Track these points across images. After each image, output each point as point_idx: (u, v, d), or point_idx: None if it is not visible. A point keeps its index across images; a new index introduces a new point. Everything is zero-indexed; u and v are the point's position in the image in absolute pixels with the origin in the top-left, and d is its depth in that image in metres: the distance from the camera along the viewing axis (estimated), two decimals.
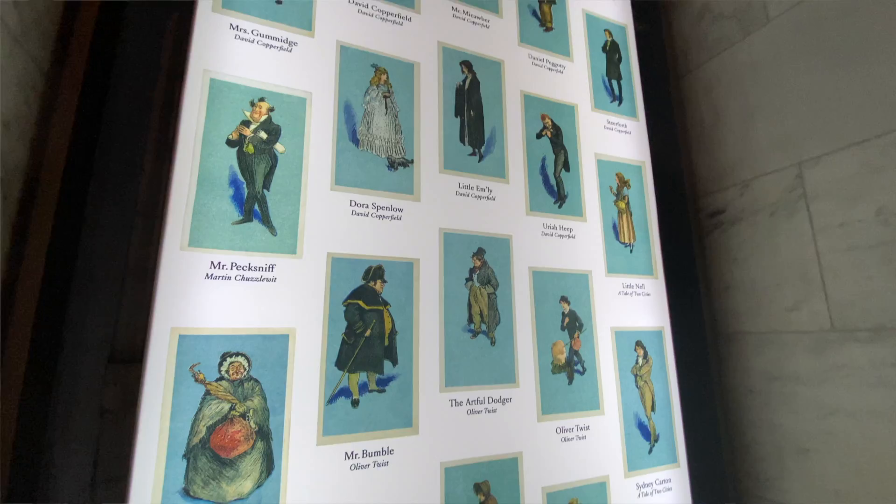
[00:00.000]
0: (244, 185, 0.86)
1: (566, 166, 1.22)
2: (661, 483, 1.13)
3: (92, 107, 0.91)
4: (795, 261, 1.15)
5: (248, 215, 0.85)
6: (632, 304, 1.21)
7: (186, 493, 0.72)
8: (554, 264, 1.14)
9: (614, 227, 1.25)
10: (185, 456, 0.73)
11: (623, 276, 1.22)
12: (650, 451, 1.14)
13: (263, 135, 0.90)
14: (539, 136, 1.21)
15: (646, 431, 1.15)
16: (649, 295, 1.25)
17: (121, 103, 0.98)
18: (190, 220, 0.81)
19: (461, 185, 1.07)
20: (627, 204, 1.29)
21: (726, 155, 1.34)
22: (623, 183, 1.30)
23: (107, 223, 0.95)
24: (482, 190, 1.09)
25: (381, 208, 0.97)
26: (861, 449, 0.98)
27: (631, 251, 1.26)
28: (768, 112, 1.23)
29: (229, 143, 0.87)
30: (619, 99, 1.38)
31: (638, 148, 1.36)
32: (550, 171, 1.20)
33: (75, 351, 0.84)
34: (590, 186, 1.24)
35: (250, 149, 0.88)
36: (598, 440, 1.08)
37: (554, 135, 1.23)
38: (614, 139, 1.33)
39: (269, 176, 0.88)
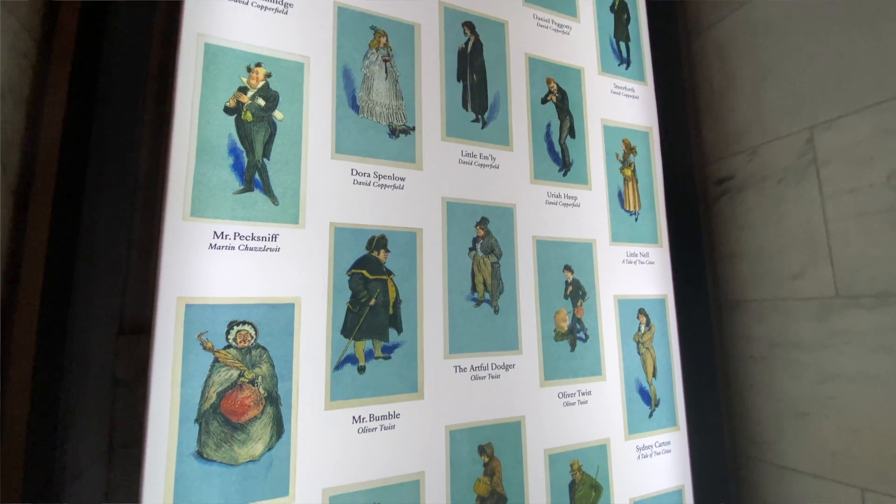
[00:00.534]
0: (244, 154, 0.85)
1: (571, 133, 1.20)
2: (660, 445, 1.16)
3: (85, 77, 0.89)
4: (802, 228, 1.13)
5: (248, 185, 0.84)
6: (635, 273, 1.21)
7: (200, 455, 0.74)
8: (558, 233, 1.13)
9: (619, 195, 1.23)
10: (196, 420, 0.75)
11: (627, 244, 1.22)
12: (650, 416, 1.16)
13: (261, 101, 0.88)
14: (544, 101, 1.18)
15: (646, 396, 1.17)
16: (653, 263, 1.24)
17: (115, 72, 0.95)
18: (191, 190, 0.80)
19: (464, 153, 1.05)
20: (633, 171, 1.27)
21: (736, 120, 1.31)
22: (629, 150, 1.27)
23: (108, 197, 0.95)
24: (485, 158, 1.07)
25: (383, 177, 0.95)
26: (860, 412, 1.00)
27: (636, 219, 1.24)
28: (781, 75, 1.19)
29: (227, 110, 0.85)
30: (627, 62, 1.34)
31: (645, 113, 1.33)
32: (555, 137, 1.17)
33: (85, 325, 0.86)
34: (595, 153, 1.22)
35: (248, 116, 0.86)
36: (600, 405, 1.10)
37: (559, 100, 1.20)
38: (621, 104, 1.29)
39: (268, 144, 0.87)
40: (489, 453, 0.96)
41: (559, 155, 1.17)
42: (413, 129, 1.00)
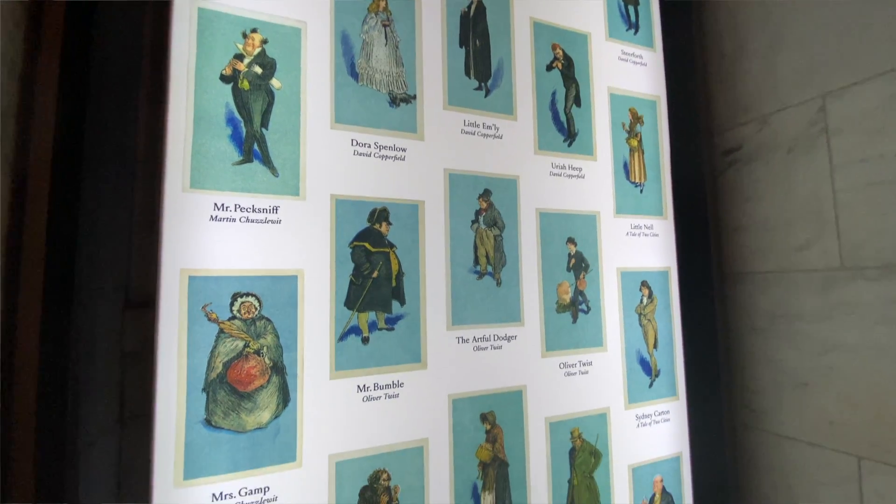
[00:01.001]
0: (242, 124, 0.83)
1: (577, 101, 1.17)
2: (659, 414, 1.18)
3: (79, 49, 0.86)
4: (810, 199, 1.12)
5: (247, 155, 0.83)
6: (639, 245, 1.21)
7: (208, 423, 0.76)
8: (561, 205, 1.12)
9: (625, 166, 1.21)
10: (204, 390, 0.76)
11: (632, 216, 1.21)
12: (650, 386, 1.18)
13: (258, 69, 0.85)
14: (549, 67, 1.14)
15: (647, 367, 1.18)
16: (657, 236, 1.23)
17: (108, 43, 0.93)
18: (189, 161, 0.79)
19: (466, 123, 1.02)
20: (640, 142, 1.24)
21: (746, 88, 1.27)
22: (636, 119, 1.24)
23: (107, 170, 0.94)
24: (489, 128, 1.05)
25: (384, 148, 0.94)
26: (859, 383, 1.01)
27: (641, 191, 1.23)
28: (794, 40, 1.15)
29: (223, 78, 0.83)
30: (636, 27, 1.29)
31: (653, 81, 1.29)
32: (561, 106, 1.14)
33: (90, 300, 0.86)
34: (601, 123, 1.19)
35: (245, 85, 0.84)
36: (600, 375, 1.11)
37: (565, 67, 1.16)
38: (629, 72, 1.25)
39: (266, 114, 0.85)
40: (491, 421, 0.98)
41: (564, 125, 1.14)
42: (414, 97, 0.98)
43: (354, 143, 0.91)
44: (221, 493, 0.75)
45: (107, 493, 0.89)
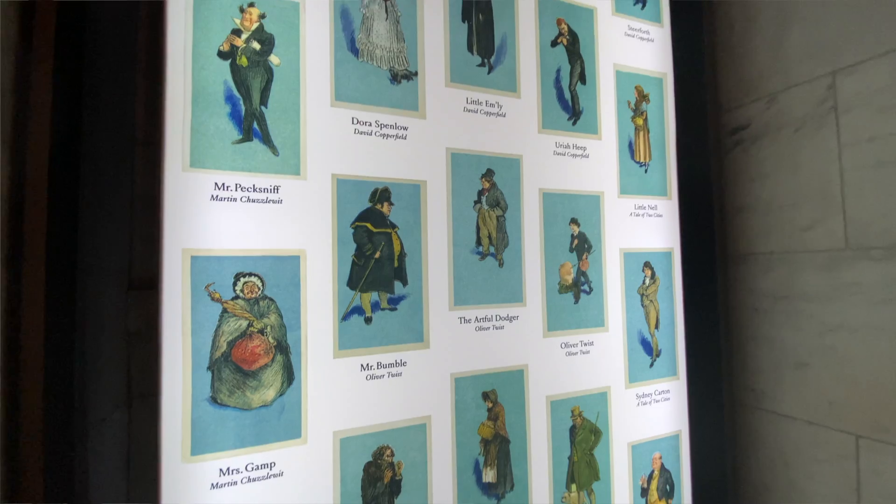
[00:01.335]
0: (241, 102, 0.82)
1: (582, 79, 1.14)
2: (659, 393, 1.19)
3: (73, 27, 0.84)
4: (817, 179, 1.10)
5: (247, 134, 0.82)
6: (643, 226, 1.20)
7: (214, 400, 0.77)
8: (565, 185, 1.10)
9: (630, 145, 1.19)
10: (209, 368, 0.77)
11: (636, 197, 1.19)
12: (651, 365, 1.19)
13: (256, 45, 0.83)
14: (554, 43, 1.12)
15: (648, 347, 1.19)
16: (661, 216, 1.22)
17: (104, 18, 0.90)
18: (189, 140, 0.78)
19: (469, 101, 1.01)
20: (645, 120, 1.22)
21: (755, 65, 1.24)
22: (642, 97, 1.22)
23: (106, 150, 0.92)
24: (492, 105, 1.03)
25: (385, 126, 0.92)
26: (860, 363, 1.01)
27: (646, 171, 1.21)
28: (804, 16, 1.11)
29: (221, 55, 0.81)
30: (643, 2, 1.25)
31: (660, 58, 1.26)
32: (565, 83, 1.12)
33: (94, 283, 0.86)
34: (606, 101, 1.17)
35: (244, 61, 0.82)
36: (602, 355, 1.12)
37: (570, 42, 1.13)
38: (635, 48, 1.22)
39: (265, 91, 0.84)
40: (493, 399, 0.99)
41: (569, 102, 1.12)
42: (415, 73, 0.96)
43: (355, 121, 0.90)
44: (228, 469, 0.77)
45: (116, 470, 0.91)
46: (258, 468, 0.79)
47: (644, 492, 1.16)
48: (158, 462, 0.74)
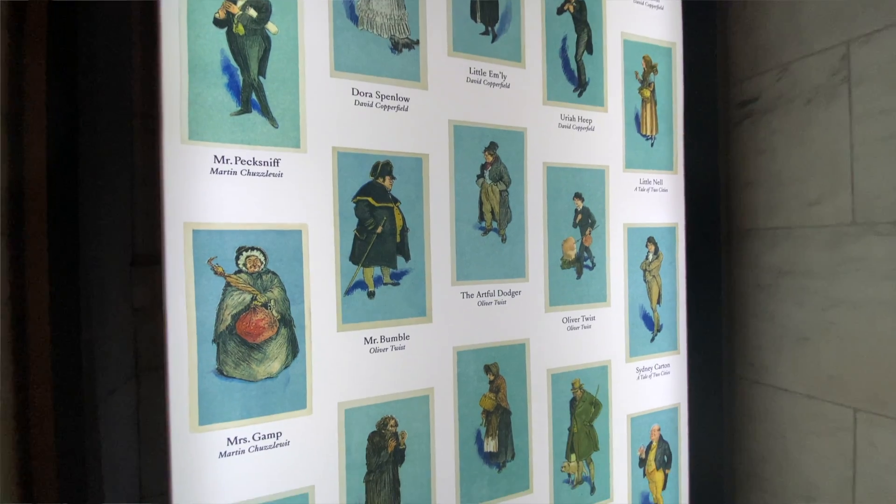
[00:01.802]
0: (238, 72, 0.80)
1: (589, 48, 1.11)
2: (659, 367, 1.21)
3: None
4: (826, 152, 1.08)
5: (246, 105, 0.80)
6: (647, 201, 1.19)
7: (220, 372, 0.78)
8: (570, 159, 1.09)
9: (636, 118, 1.17)
10: (214, 341, 0.78)
11: (641, 171, 1.18)
12: (652, 340, 1.20)
13: (252, 12, 0.81)
14: (560, 10, 1.08)
15: (649, 322, 1.19)
16: (666, 191, 1.21)
17: None
18: (187, 111, 0.77)
19: (472, 70, 0.98)
20: (653, 92, 1.19)
21: (767, 34, 1.20)
22: (650, 68, 1.19)
23: (104, 125, 0.91)
24: (495, 76, 1.00)
25: (386, 97, 0.90)
26: (862, 338, 1.02)
27: (652, 145, 1.19)
28: None
29: (216, 22, 0.79)
30: None
31: (669, 27, 1.22)
32: (571, 53, 1.09)
33: (97, 259, 0.86)
34: (613, 72, 1.14)
35: (240, 29, 0.80)
36: (603, 329, 1.13)
37: (577, 10, 1.09)
38: (644, 16, 1.18)
39: (263, 60, 0.82)
40: (494, 372, 1.01)
41: (575, 73, 1.09)
42: (417, 42, 0.93)
43: (355, 91, 0.88)
44: (236, 438, 0.79)
45: (128, 439, 0.93)
46: (265, 437, 0.81)
47: (642, 462, 1.19)
48: (167, 432, 0.75)
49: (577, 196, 1.10)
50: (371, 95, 0.89)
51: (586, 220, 1.11)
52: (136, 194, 0.97)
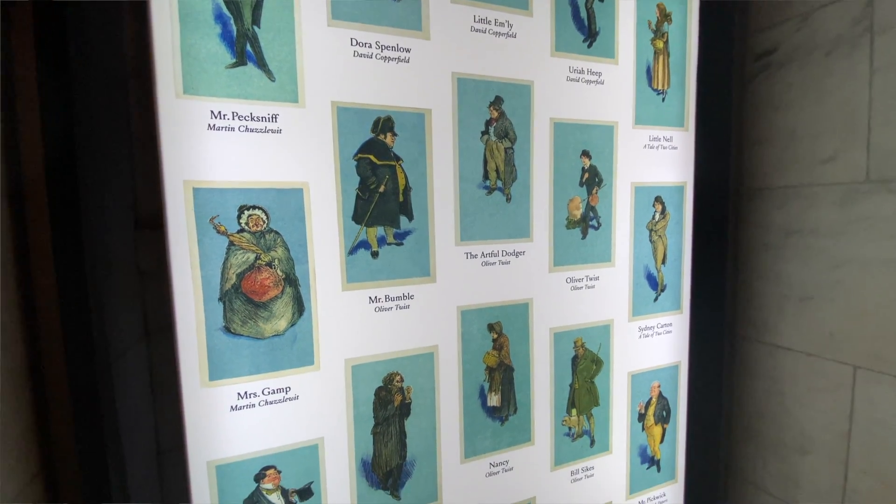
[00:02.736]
0: (231, 21, 0.76)
1: None
2: (662, 327, 1.22)
3: None
4: (844, 107, 1.04)
5: (241, 57, 0.77)
6: (656, 159, 1.16)
7: (227, 330, 0.79)
8: (578, 115, 1.05)
9: (648, 70, 1.12)
10: (220, 299, 0.78)
11: (651, 128, 1.14)
12: (655, 300, 1.20)
13: None
14: None
15: (653, 282, 1.19)
16: (676, 149, 1.18)
17: None
18: (180, 64, 0.73)
19: (476, 19, 0.93)
20: (666, 43, 1.13)
21: None
22: (664, 17, 1.12)
23: (97, 85, 0.87)
24: (501, 24, 0.95)
25: (386, 48, 0.86)
26: (866, 296, 1.01)
27: (663, 99, 1.15)
28: None
29: None
30: None
31: None
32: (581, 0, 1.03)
33: (100, 224, 0.85)
34: (625, 21, 1.08)
35: None
36: (607, 289, 1.13)
37: None
38: None
39: (257, 9, 0.77)
40: (498, 330, 1.02)
41: (585, 21, 1.04)
42: None
43: (354, 42, 0.84)
44: (246, 392, 0.81)
45: (141, 398, 0.96)
46: (274, 392, 0.83)
47: (641, 416, 1.22)
48: (179, 388, 0.77)
49: (585, 154, 1.07)
50: (371, 46, 0.85)
51: (593, 179, 1.09)
52: (136, 154, 0.95)
